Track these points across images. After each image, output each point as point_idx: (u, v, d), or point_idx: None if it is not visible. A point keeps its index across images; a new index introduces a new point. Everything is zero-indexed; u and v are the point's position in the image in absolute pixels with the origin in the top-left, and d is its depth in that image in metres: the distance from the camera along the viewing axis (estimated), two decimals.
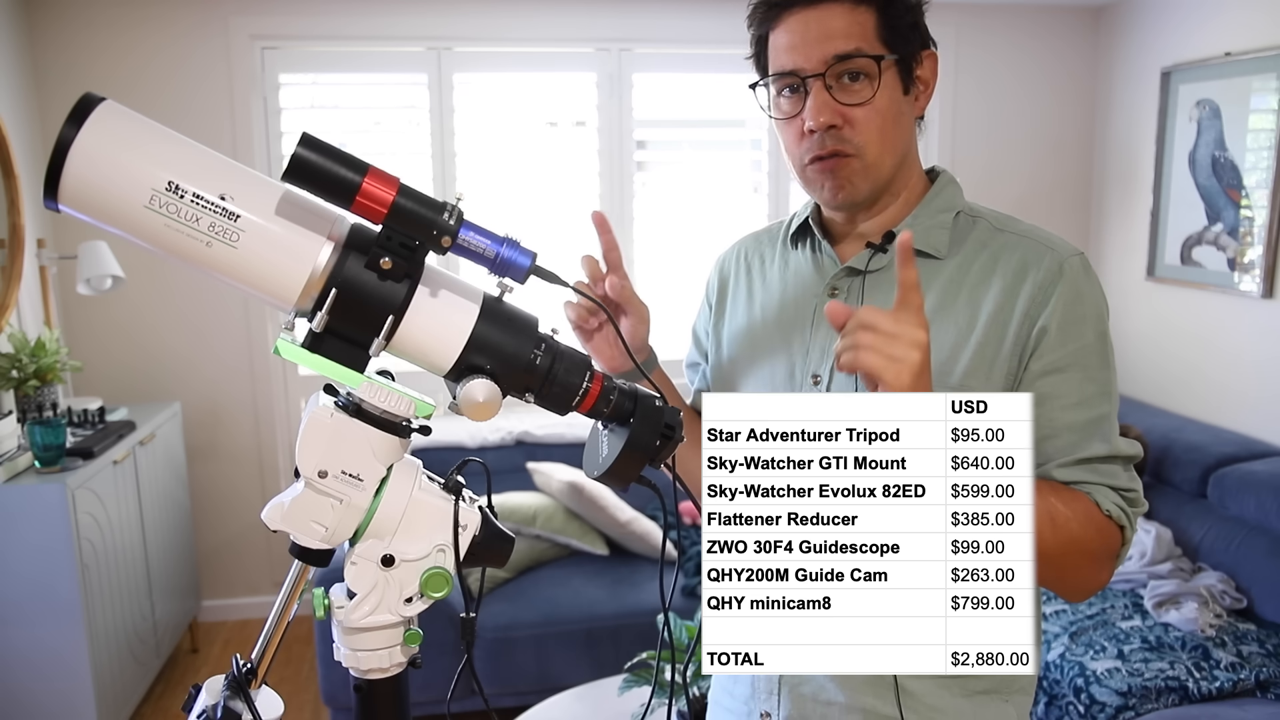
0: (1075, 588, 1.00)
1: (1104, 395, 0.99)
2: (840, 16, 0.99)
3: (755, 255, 1.21)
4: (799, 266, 1.14)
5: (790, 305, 1.12)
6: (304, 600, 0.81)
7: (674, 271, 3.61)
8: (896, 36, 1.00)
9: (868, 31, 0.99)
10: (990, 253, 1.03)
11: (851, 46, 0.98)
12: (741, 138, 3.72)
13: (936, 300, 1.02)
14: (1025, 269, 1.00)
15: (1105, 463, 0.98)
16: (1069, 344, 0.98)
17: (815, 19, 0.99)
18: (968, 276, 1.02)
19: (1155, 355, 3.51)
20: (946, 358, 0.99)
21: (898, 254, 0.87)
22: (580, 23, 3.45)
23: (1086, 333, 0.99)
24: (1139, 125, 3.54)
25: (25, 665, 2.44)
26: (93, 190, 0.71)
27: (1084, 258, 1.02)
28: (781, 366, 1.10)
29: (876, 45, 0.99)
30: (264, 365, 3.44)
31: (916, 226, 1.05)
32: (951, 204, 1.07)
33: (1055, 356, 0.98)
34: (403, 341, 0.78)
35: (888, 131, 1.01)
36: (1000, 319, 0.99)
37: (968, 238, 1.05)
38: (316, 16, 3.30)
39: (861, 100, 0.99)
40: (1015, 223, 1.06)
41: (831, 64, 0.98)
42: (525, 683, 2.71)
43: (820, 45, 0.98)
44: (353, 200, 0.73)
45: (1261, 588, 2.56)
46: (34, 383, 2.64)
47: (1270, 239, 2.94)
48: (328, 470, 0.76)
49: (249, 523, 3.51)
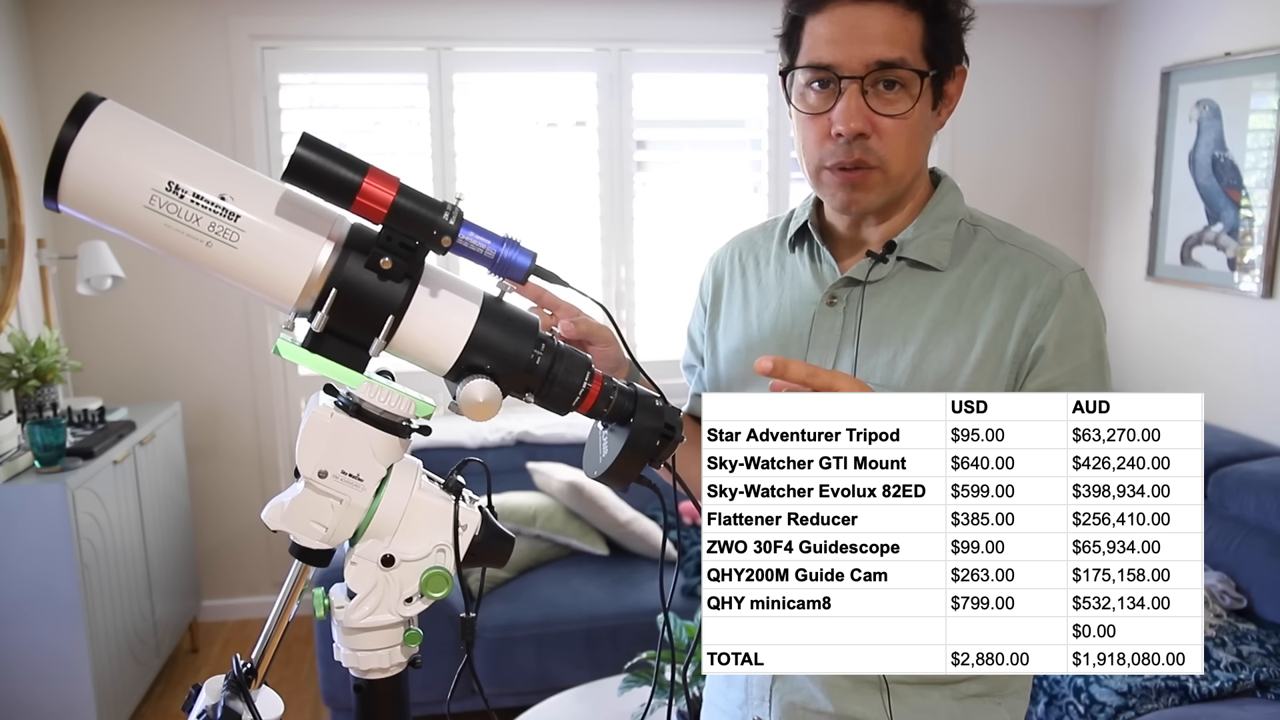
0: None
1: None
2: (891, 20, 0.94)
3: (750, 255, 1.18)
4: (796, 271, 1.12)
5: (787, 313, 1.10)
6: (304, 600, 0.81)
7: (674, 271, 3.61)
8: (939, 50, 0.96)
9: (914, 41, 0.95)
10: (991, 266, 1.01)
11: (897, 55, 0.93)
12: (741, 138, 3.72)
13: (937, 313, 1.01)
14: (1025, 285, 0.99)
15: None
16: (1065, 363, 0.97)
17: (864, 16, 0.94)
18: (969, 290, 1.01)
19: (1155, 355, 3.51)
20: (947, 372, 0.99)
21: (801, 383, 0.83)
22: (580, 23, 3.45)
23: (1083, 351, 0.98)
24: (1139, 125, 3.54)
25: (25, 665, 2.44)
26: (93, 190, 0.71)
27: (1083, 274, 1.01)
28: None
29: (919, 57, 0.95)
30: (264, 365, 3.44)
31: (918, 237, 1.03)
32: (953, 212, 1.05)
33: (1051, 375, 0.97)
34: (403, 341, 0.78)
35: (915, 146, 0.99)
36: (999, 336, 0.98)
37: (969, 248, 1.03)
38: (316, 16, 3.30)
39: (897, 112, 0.95)
40: (1017, 234, 1.05)
41: (873, 69, 0.93)
42: (525, 683, 2.71)
43: (865, 46, 0.93)
44: (353, 200, 0.73)
45: (1261, 588, 2.56)
46: (34, 383, 2.64)
47: (1270, 239, 2.94)
48: (328, 470, 0.76)
49: (249, 523, 3.51)
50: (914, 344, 1.00)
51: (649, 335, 3.65)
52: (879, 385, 1.01)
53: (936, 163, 1.12)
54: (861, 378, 1.01)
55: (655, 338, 3.66)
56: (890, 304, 1.03)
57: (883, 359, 1.01)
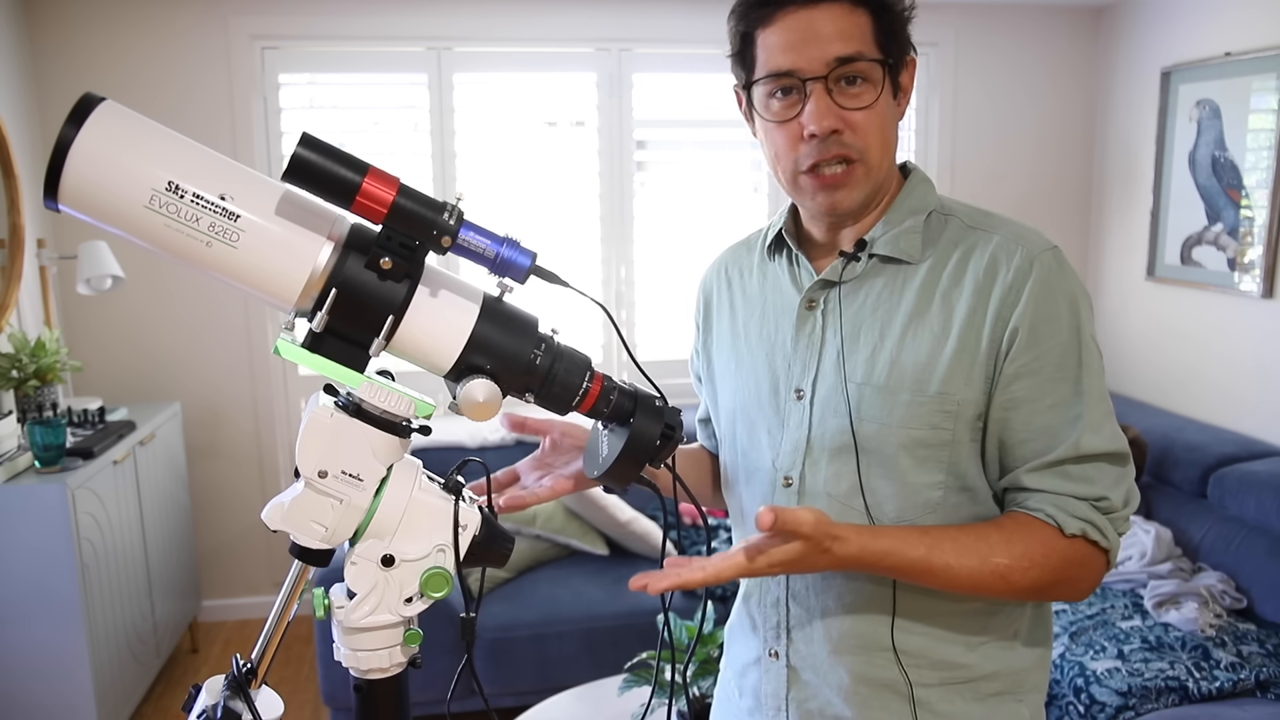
0: (1066, 600, 1.00)
1: (1079, 396, 0.95)
2: (840, 17, 0.96)
3: (735, 268, 1.20)
4: (776, 279, 1.13)
5: (770, 319, 1.11)
6: (304, 600, 0.81)
7: (673, 271, 3.61)
8: (890, 41, 0.99)
9: (865, 34, 0.97)
10: (961, 252, 1.00)
11: (853, 49, 0.95)
12: (741, 138, 3.71)
13: (911, 306, 1.00)
14: (995, 266, 0.97)
15: (1078, 464, 0.95)
16: (1042, 344, 0.95)
17: (814, 19, 0.96)
18: (941, 279, 1.00)
19: (1155, 355, 3.51)
20: (924, 365, 0.98)
21: (770, 532, 0.87)
22: (580, 23, 3.45)
23: (1060, 331, 0.95)
24: (1139, 125, 3.54)
25: (25, 665, 2.44)
26: (93, 190, 0.70)
27: (1057, 252, 0.99)
28: (766, 382, 1.09)
29: (874, 49, 0.97)
30: (264, 365, 3.44)
31: (888, 231, 1.03)
32: (924, 204, 1.05)
33: (1028, 358, 0.95)
34: (403, 341, 0.78)
35: (887, 135, 1.00)
36: (974, 321, 0.97)
37: (940, 237, 1.02)
38: (316, 16, 3.30)
39: (864, 104, 0.97)
40: (988, 218, 1.03)
41: (833, 66, 0.95)
42: (525, 683, 2.71)
43: (821, 46, 0.95)
44: (353, 200, 0.73)
45: (1261, 588, 2.56)
46: (34, 383, 2.64)
47: (1270, 239, 2.94)
48: (328, 470, 0.76)
49: (249, 523, 3.51)
50: (891, 338, 1.00)
51: (649, 335, 3.65)
52: (860, 382, 1.01)
53: (936, 162, 1.11)
54: (844, 376, 1.01)
55: (655, 338, 3.65)
56: (866, 301, 1.03)
57: (862, 356, 1.01)
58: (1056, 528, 0.94)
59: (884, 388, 0.99)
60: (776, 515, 0.83)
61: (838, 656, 1.04)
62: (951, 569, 0.92)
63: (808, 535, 0.86)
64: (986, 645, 1.03)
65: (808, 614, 1.06)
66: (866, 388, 1.00)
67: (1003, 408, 0.96)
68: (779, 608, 1.08)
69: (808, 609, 1.06)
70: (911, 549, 0.92)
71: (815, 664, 1.06)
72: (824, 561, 0.89)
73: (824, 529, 0.87)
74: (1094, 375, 0.97)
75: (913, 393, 0.98)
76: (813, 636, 1.06)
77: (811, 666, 1.06)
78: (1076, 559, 0.94)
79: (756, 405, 1.09)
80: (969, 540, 0.93)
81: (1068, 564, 0.94)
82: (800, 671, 1.07)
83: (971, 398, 0.97)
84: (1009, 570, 0.92)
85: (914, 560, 0.92)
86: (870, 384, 1.00)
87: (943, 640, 1.02)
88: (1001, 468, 1.00)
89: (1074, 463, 0.95)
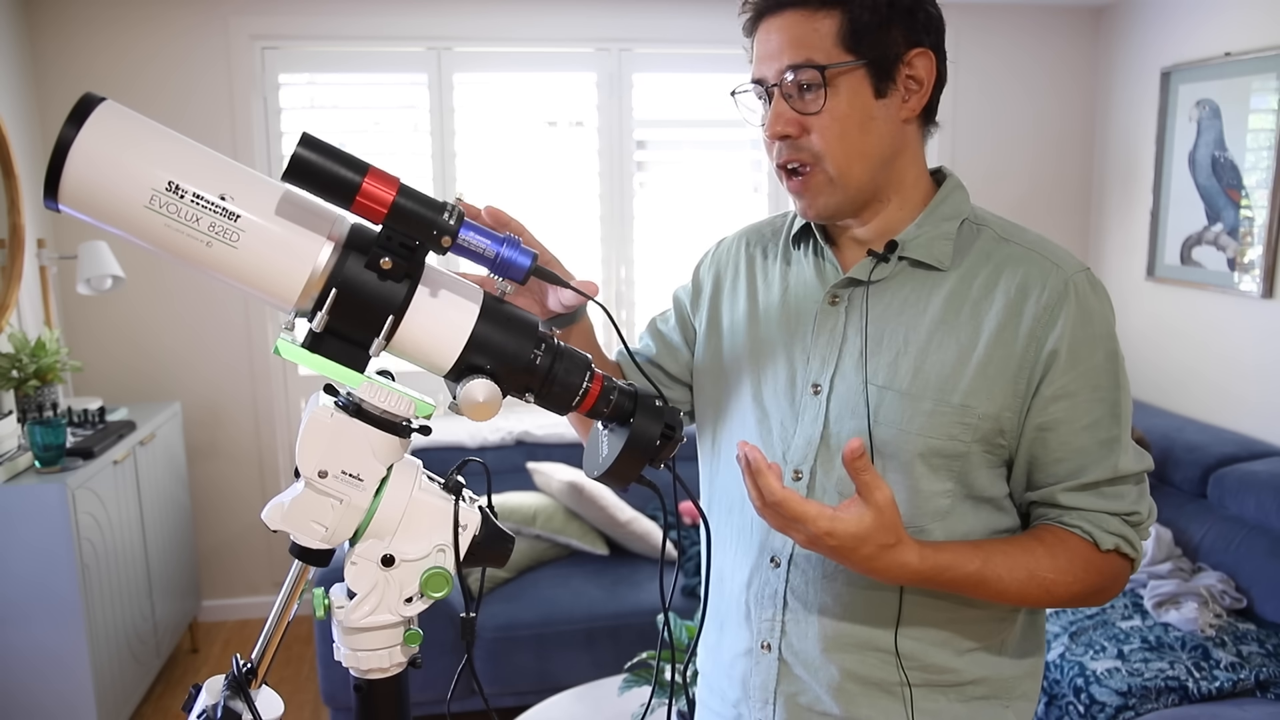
0: (1095, 605, 1.05)
1: (1114, 417, 0.98)
2: (796, 25, 0.97)
3: (758, 248, 1.19)
4: (800, 269, 1.12)
5: (792, 310, 1.10)
6: (304, 600, 0.81)
7: (673, 271, 3.61)
8: (862, 40, 0.97)
9: (825, 39, 0.96)
10: (994, 265, 1.01)
11: (802, 57, 0.97)
12: (741, 138, 3.72)
13: (938, 314, 1.00)
14: (1028, 285, 0.98)
15: (1112, 484, 0.98)
16: (1079, 366, 0.97)
17: (776, 28, 0.99)
18: (970, 290, 1.00)
19: (1155, 355, 3.51)
20: (949, 374, 0.98)
21: (851, 467, 0.87)
22: (580, 23, 3.45)
23: (1096, 353, 0.98)
24: (1139, 125, 3.54)
25: (25, 665, 2.44)
26: (93, 190, 0.70)
27: (1089, 273, 1.00)
28: (783, 372, 1.08)
29: (835, 52, 0.96)
30: (264, 365, 3.44)
31: (920, 236, 1.03)
32: (958, 211, 1.05)
33: (1066, 380, 0.97)
34: (403, 341, 0.78)
35: (850, 138, 0.99)
36: (1004, 337, 0.98)
37: (972, 247, 1.03)
38: (316, 16, 3.30)
39: (814, 110, 0.98)
40: (1022, 233, 1.04)
41: (785, 74, 0.98)
42: (525, 683, 2.71)
43: (779, 55, 0.98)
44: (353, 200, 0.73)
45: (1261, 588, 2.56)
46: (34, 383, 2.64)
47: (1270, 239, 2.94)
48: (328, 470, 0.76)
49: (249, 523, 3.51)
50: (915, 345, 1.00)
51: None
52: (882, 386, 1.00)
53: (936, 162, 1.11)
54: (865, 378, 1.01)
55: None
56: (892, 304, 1.03)
57: (885, 359, 1.01)
58: (1093, 543, 0.98)
59: (906, 394, 0.99)
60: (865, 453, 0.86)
61: (830, 654, 1.05)
62: (1003, 581, 0.95)
63: (882, 505, 0.86)
64: (976, 652, 1.04)
65: (805, 610, 1.06)
66: (888, 392, 1.00)
67: (1038, 428, 0.98)
68: (776, 601, 1.08)
69: (805, 605, 1.06)
70: (968, 563, 0.94)
71: (807, 659, 1.06)
72: (882, 560, 0.89)
73: (896, 513, 0.88)
74: (1127, 395, 1.01)
75: (935, 402, 0.98)
76: (807, 633, 1.06)
77: (803, 662, 1.07)
78: (1110, 571, 0.99)
79: (772, 394, 1.09)
80: (1017, 554, 0.97)
81: (1103, 576, 0.99)
82: (792, 666, 1.08)
83: (992, 412, 0.98)
84: (1053, 584, 0.96)
85: (969, 574, 0.94)
86: (892, 388, 1.00)
87: (935, 644, 1.03)
88: (1030, 482, 1.02)
89: (1109, 483, 0.98)
